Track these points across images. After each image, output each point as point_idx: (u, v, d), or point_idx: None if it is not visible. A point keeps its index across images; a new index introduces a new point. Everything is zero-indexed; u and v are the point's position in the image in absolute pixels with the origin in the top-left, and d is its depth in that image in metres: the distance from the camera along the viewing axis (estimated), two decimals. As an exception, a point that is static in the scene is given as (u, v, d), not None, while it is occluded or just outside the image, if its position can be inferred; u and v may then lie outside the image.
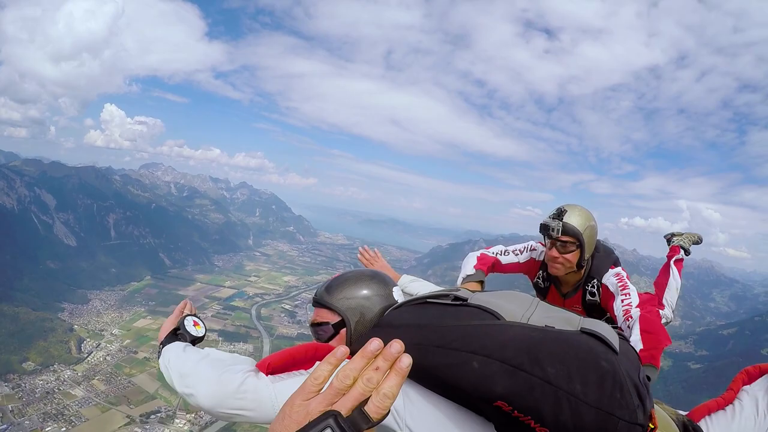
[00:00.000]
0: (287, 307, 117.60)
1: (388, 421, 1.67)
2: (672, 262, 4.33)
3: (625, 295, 3.23)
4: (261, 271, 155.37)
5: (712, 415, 2.20)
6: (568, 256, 3.54)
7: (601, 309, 3.72)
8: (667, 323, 3.80)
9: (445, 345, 1.66)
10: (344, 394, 0.97)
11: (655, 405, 1.79)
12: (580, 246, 3.52)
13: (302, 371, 1.83)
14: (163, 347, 2.14)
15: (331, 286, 2.21)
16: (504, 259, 4.09)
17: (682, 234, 4.61)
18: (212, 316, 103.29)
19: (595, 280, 3.71)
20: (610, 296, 3.42)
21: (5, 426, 60.24)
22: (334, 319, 2.15)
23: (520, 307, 1.88)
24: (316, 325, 2.20)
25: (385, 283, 2.23)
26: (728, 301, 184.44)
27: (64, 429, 62.50)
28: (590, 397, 1.48)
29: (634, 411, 1.53)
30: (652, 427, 1.60)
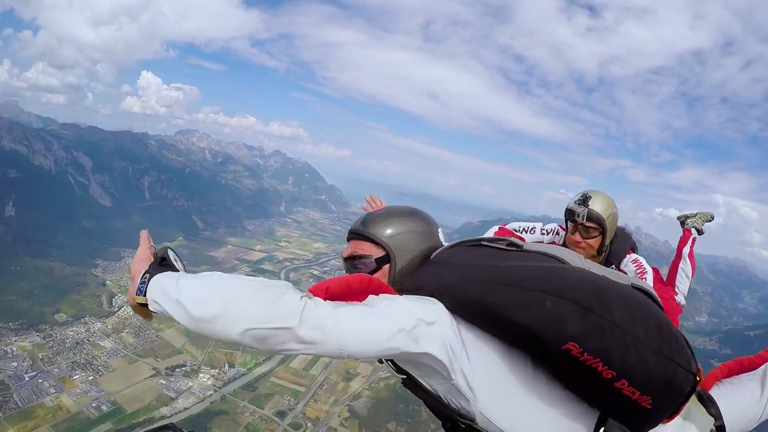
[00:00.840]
0: (316, 272, 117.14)
1: (442, 359, 1.59)
2: (685, 249, 4.40)
3: (642, 276, 3.49)
4: (292, 237, 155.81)
5: (726, 382, 2.26)
6: (590, 241, 3.59)
7: None
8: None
9: (515, 284, 1.62)
10: None
11: None
12: (603, 232, 3.57)
13: (357, 303, 1.57)
14: (151, 277, 1.52)
15: (375, 218, 2.02)
16: (529, 238, 4.02)
17: (695, 214, 4.68)
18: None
19: (613, 266, 3.70)
20: None
21: (35, 373, 61.35)
22: (378, 252, 1.96)
23: (575, 257, 1.95)
24: (354, 258, 1.99)
25: (431, 221, 2.12)
26: (757, 303, 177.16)
27: (91, 377, 63.35)
28: (652, 343, 1.56)
29: (689, 360, 1.62)
30: (699, 379, 1.65)
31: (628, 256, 3.76)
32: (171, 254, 1.66)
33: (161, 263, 1.59)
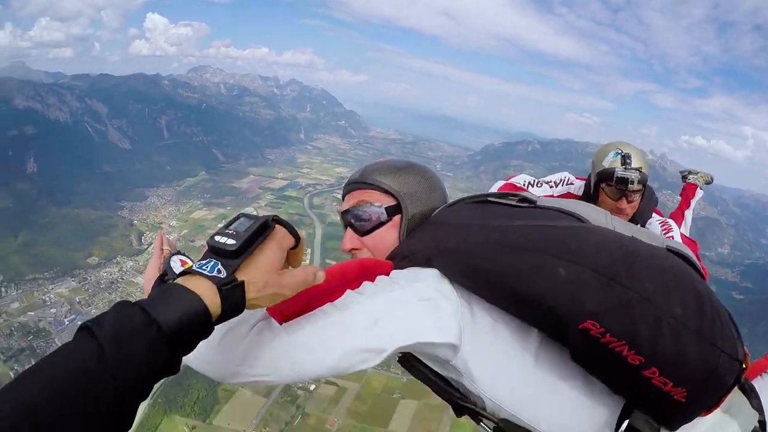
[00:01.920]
0: (339, 196, 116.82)
1: (445, 341, 1.35)
2: (694, 199, 4.38)
3: (670, 238, 3.28)
4: (313, 164, 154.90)
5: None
6: (634, 204, 3.31)
7: None
8: None
9: (523, 246, 1.36)
10: None
11: None
12: (644, 192, 3.32)
13: (326, 307, 1.33)
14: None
15: (379, 167, 1.80)
16: (537, 192, 3.64)
17: (698, 172, 4.63)
18: (265, 205, 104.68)
19: (638, 225, 3.48)
20: None
21: (74, 316, 62.67)
22: (388, 201, 1.74)
23: (598, 214, 1.62)
24: (359, 208, 1.75)
25: (436, 175, 1.90)
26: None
27: (127, 314, 64.82)
28: (692, 322, 1.23)
29: (735, 344, 1.28)
30: (744, 367, 1.30)
31: (654, 215, 3.54)
32: (175, 262, 1.41)
33: (162, 279, 1.37)
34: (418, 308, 1.34)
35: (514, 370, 1.38)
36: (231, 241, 0.99)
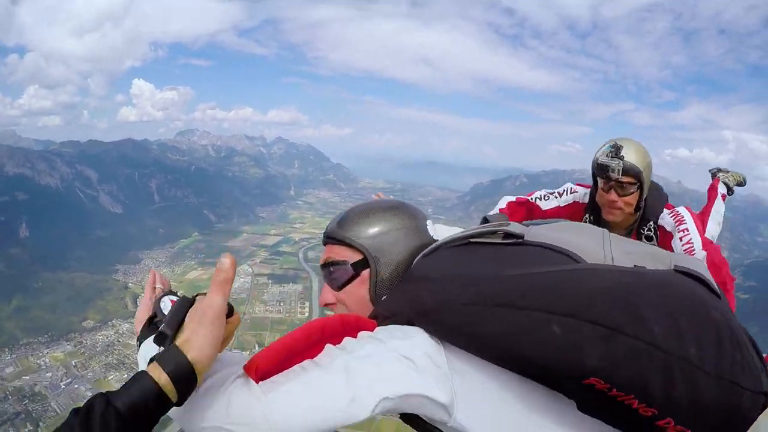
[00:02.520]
0: None
1: (437, 404, 1.26)
2: (718, 195, 4.16)
3: (683, 231, 3.12)
4: (305, 218, 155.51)
5: None
6: (627, 198, 3.16)
7: None
8: None
9: (509, 303, 1.23)
10: None
11: None
12: (641, 186, 3.15)
13: (305, 363, 1.28)
14: (140, 344, 1.51)
15: (351, 217, 1.72)
16: (544, 205, 3.69)
17: (728, 172, 4.41)
18: (260, 261, 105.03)
19: (651, 223, 3.37)
20: (669, 236, 3.24)
21: (70, 379, 61.84)
22: (354, 257, 1.67)
23: (593, 240, 1.45)
24: (330, 265, 1.70)
25: (413, 213, 1.76)
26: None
27: (125, 375, 63.19)
28: (708, 363, 1.11)
29: (759, 376, 1.15)
30: None
31: (665, 210, 3.31)
32: (165, 303, 1.52)
33: (150, 324, 1.53)
34: (402, 364, 1.25)
35: (516, 422, 1.28)
36: (163, 326, 1.16)
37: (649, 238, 3.37)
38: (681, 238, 3.03)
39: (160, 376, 1.05)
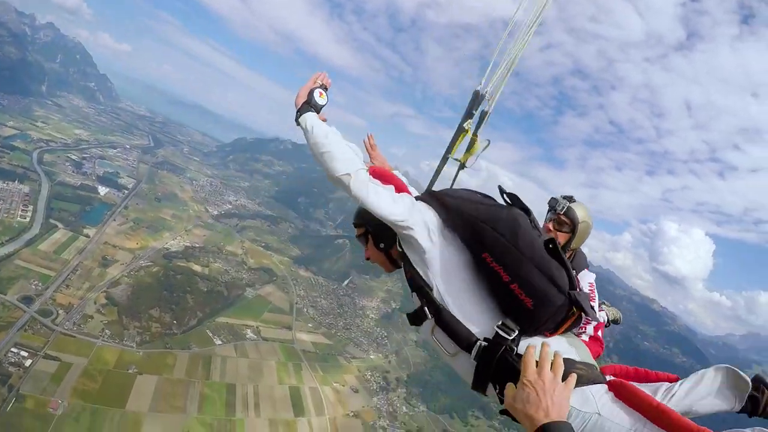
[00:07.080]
0: (74, 157, 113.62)
1: (421, 238, 2.40)
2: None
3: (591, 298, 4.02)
4: (50, 120, 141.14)
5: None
6: (559, 234, 3.97)
7: None
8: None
9: (491, 219, 2.32)
10: None
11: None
12: (572, 232, 3.97)
13: (388, 186, 2.51)
14: (300, 114, 2.54)
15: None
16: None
17: (610, 306, 4.95)
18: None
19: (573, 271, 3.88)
20: None
21: None
22: (360, 232, 2.82)
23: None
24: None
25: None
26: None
27: None
28: (539, 263, 2.18)
29: (565, 283, 2.17)
30: (574, 308, 2.20)
31: (587, 271, 4.28)
32: (316, 94, 2.62)
33: (308, 102, 2.58)
34: (420, 215, 2.43)
35: (453, 274, 2.34)
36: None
37: None
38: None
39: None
